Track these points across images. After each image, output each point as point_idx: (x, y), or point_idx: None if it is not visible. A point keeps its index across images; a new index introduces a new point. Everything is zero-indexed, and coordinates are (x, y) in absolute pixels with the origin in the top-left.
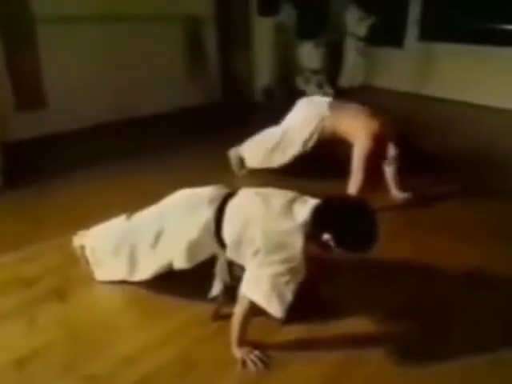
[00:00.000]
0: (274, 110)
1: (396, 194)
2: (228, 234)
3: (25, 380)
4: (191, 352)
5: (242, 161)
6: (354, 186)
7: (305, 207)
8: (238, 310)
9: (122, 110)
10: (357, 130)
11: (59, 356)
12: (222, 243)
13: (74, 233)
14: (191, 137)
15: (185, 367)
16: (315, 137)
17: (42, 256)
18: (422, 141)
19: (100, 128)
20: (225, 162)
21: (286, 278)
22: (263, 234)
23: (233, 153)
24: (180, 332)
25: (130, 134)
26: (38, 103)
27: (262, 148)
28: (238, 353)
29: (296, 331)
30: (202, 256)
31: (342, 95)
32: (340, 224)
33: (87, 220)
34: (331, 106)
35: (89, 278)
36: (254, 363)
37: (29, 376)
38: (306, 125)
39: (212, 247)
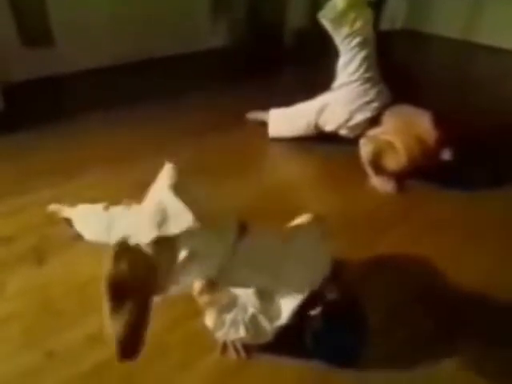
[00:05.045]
0: (305, 56)
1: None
2: None
3: None
4: (169, 333)
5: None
6: None
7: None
8: None
9: (138, 50)
10: (393, 142)
11: (24, 327)
12: None
13: (63, 186)
14: (210, 82)
15: (161, 350)
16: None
17: (23, 211)
18: None
19: (112, 69)
20: (242, 112)
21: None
22: None
23: (252, 117)
24: (159, 311)
25: (144, 76)
26: (45, 40)
27: (295, 125)
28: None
29: None
30: None
31: (379, 40)
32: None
33: (79, 174)
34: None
35: (69, 241)
36: (237, 350)
37: None
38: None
39: None
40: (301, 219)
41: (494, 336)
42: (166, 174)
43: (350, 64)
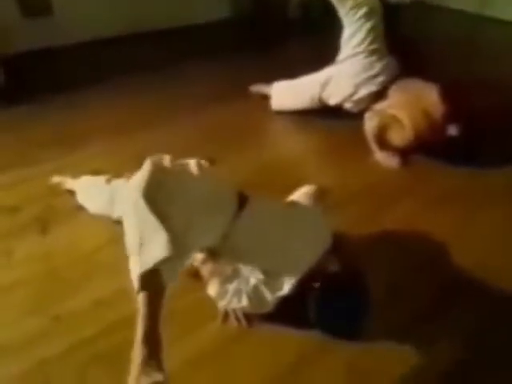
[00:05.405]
0: (309, 28)
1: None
2: None
3: None
4: (172, 302)
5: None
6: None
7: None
8: None
9: (139, 21)
10: (399, 116)
11: (31, 294)
12: None
13: (66, 158)
14: (213, 54)
15: (164, 317)
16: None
17: (26, 182)
18: None
19: (112, 41)
20: (245, 85)
21: None
22: None
23: (255, 89)
24: None
25: (146, 47)
26: (44, 9)
27: (299, 98)
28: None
29: None
30: None
31: (387, 13)
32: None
33: (81, 146)
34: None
35: (73, 211)
36: (238, 319)
37: None
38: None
39: None
40: (303, 190)
41: (495, 311)
42: (143, 173)
43: (354, 36)
